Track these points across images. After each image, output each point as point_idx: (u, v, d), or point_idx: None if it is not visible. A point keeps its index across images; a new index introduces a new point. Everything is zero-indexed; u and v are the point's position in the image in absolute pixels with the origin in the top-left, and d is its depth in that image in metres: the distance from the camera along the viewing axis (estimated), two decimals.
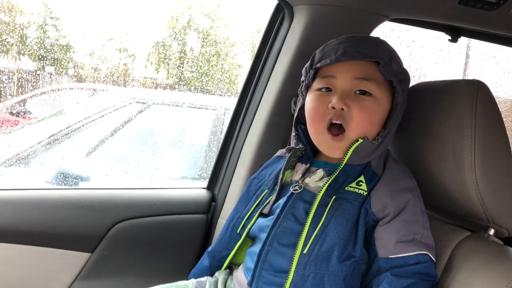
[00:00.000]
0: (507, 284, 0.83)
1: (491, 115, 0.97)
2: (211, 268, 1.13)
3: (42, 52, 2.68)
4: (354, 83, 0.97)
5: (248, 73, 1.57)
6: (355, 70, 0.98)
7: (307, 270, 0.91)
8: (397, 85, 0.98)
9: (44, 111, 2.71)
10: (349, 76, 0.98)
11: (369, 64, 0.98)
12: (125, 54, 3.02)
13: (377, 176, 0.99)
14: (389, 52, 1.00)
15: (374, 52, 0.98)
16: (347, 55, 0.97)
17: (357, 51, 0.97)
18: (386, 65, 0.97)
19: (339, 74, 0.99)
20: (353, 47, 0.98)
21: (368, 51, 0.98)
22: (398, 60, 1.01)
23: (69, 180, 1.96)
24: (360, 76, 0.97)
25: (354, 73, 0.98)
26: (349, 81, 0.98)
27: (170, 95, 2.93)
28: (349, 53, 0.97)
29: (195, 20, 3.14)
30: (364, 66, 0.98)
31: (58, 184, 1.93)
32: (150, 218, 1.47)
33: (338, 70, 0.99)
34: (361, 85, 0.97)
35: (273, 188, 1.07)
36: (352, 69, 0.98)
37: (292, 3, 1.40)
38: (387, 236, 0.92)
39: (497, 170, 0.97)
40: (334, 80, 0.99)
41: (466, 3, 1.27)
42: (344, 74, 0.98)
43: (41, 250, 1.33)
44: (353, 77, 0.97)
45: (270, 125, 1.44)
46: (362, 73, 0.97)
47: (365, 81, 0.97)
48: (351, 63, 0.98)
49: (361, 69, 0.98)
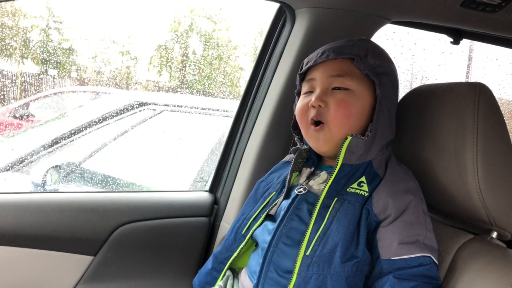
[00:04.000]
0: (510, 287, 0.83)
1: (493, 117, 0.97)
2: (213, 270, 1.14)
3: (45, 55, 2.69)
4: (330, 81, 1.02)
5: (250, 76, 1.57)
6: (330, 69, 1.03)
7: (309, 271, 0.92)
8: (375, 77, 1.01)
9: (48, 114, 2.72)
10: (326, 75, 1.03)
11: (344, 61, 1.02)
12: (127, 57, 3.03)
13: (379, 177, 1.00)
14: (366, 48, 1.02)
15: (349, 50, 1.02)
16: (324, 56, 1.03)
17: (333, 51, 1.03)
18: (361, 59, 1.01)
19: (317, 75, 1.05)
20: (331, 48, 1.04)
21: (343, 49, 1.03)
22: (377, 55, 1.04)
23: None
24: (335, 73, 1.02)
25: (330, 72, 1.03)
26: (325, 79, 1.03)
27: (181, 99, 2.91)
28: (326, 54, 1.03)
29: (197, 23, 3.14)
30: (339, 64, 1.03)
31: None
32: (152, 221, 1.47)
33: (317, 72, 1.05)
34: (336, 82, 1.02)
35: (281, 190, 1.10)
36: (328, 68, 1.03)
37: (294, 6, 1.40)
38: (389, 238, 0.92)
39: (499, 172, 0.96)
40: (314, 82, 1.05)
41: (468, 5, 1.27)
42: (322, 74, 1.04)
43: (44, 253, 1.33)
44: (329, 75, 1.02)
45: (273, 128, 1.44)
46: (337, 70, 1.02)
47: (340, 77, 1.01)
48: (328, 63, 1.04)
49: (336, 67, 1.03)
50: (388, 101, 1.02)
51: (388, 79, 1.03)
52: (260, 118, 1.49)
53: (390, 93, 1.03)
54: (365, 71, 1.01)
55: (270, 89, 1.48)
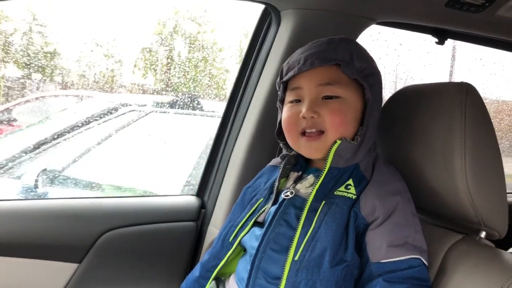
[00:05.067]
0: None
1: (480, 117, 0.98)
2: (200, 278, 1.12)
3: (26, 59, 2.65)
4: (319, 90, 0.99)
5: (236, 79, 1.56)
6: (318, 77, 1.00)
7: (298, 276, 0.90)
8: (363, 82, 0.99)
9: (30, 119, 2.67)
10: (313, 84, 1.00)
11: (331, 67, 1.00)
12: (112, 60, 3.00)
13: (366, 179, 0.99)
14: (349, 50, 1.00)
15: (334, 55, 0.99)
16: (308, 63, 0.99)
17: (317, 58, 0.99)
18: (348, 64, 0.98)
19: (304, 84, 1.01)
20: (314, 54, 1.00)
21: (327, 55, 1.00)
22: (361, 56, 1.02)
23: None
24: (323, 82, 0.99)
25: (317, 80, 1.00)
26: (314, 88, 1.00)
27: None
28: (310, 61, 0.99)
29: (181, 25, 3.12)
30: (326, 71, 1.00)
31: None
32: (139, 227, 1.44)
33: (303, 80, 1.02)
34: (326, 91, 0.99)
35: (269, 196, 1.08)
36: (315, 76, 1.00)
37: (279, 7, 1.39)
38: (378, 240, 0.91)
39: (487, 172, 0.97)
40: (301, 91, 1.02)
41: (452, 5, 1.28)
42: (309, 83, 1.01)
43: (27, 262, 1.30)
44: (317, 84, 1.00)
45: (259, 131, 1.43)
46: (325, 79, 0.99)
47: (329, 86, 0.99)
48: (314, 70, 1.00)
49: (323, 75, 1.00)
50: (377, 103, 1.02)
51: (376, 80, 1.03)
52: (246, 121, 1.48)
53: (378, 94, 1.03)
54: (353, 76, 0.99)
55: (256, 92, 1.47)
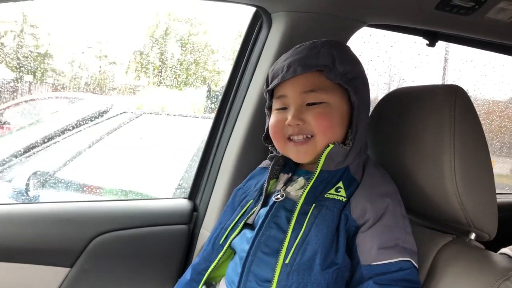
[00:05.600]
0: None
1: (469, 119, 0.98)
2: (192, 281, 1.12)
3: (17, 62, 2.63)
4: (303, 97, 1.00)
5: (227, 81, 1.55)
6: (301, 85, 1.00)
7: (289, 280, 0.90)
8: (347, 85, 0.99)
9: (22, 121, 2.65)
10: (297, 91, 1.00)
11: (313, 73, 1.00)
12: (105, 61, 2.99)
13: (356, 182, 0.99)
14: (331, 55, 1.00)
15: (315, 60, 0.99)
16: (291, 71, 1.00)
17: (299, 65, 0.99)
18: (330, 69, 0.98)
19: (288, 92, 1.02)
20: (296, 61, 1.00)
21: (309, 61, 0.99)
22: (344, 60, 1.01)
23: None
24: (307, 89, 0.99)
25: (301, 88, 1.00)
26: (298, 96, 1.00)
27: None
28: (292, 69, 1.00)
29: (174, 27, 3.12)
30: (309, 78, 1.00)
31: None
32: (130, 230, 1.44)
33: (287, 88, 1.02)
34: (309, 98, 0.99)
35: (258, 198, 1.08)
36: (298, 84, 1.00)
37: (270, 10, 1.39)
38: (369, 243, 0.91)
39: (477, 174, 0.97)
40: (286, 99, 1.02)
41: (442, 8, 1.29)
42: (292, 91, 1.01)
43: (19, 267, 1.29)
44: (301, 91, 1.00)
45: (251, 133, 1.43)
46: (308, 86, 0.99)
47: (313, 93, 0.99)
48: (297, 78, 1.00)
49: (306, 82, 1.00)
50: (364, 105, 1.02)
51: (360, 82, 1.02)
52: (238, 124, 1.47)
53: (364, 96, 1.03)
54: (336, 80, 0.99)
55: (247, 94, 1.47)
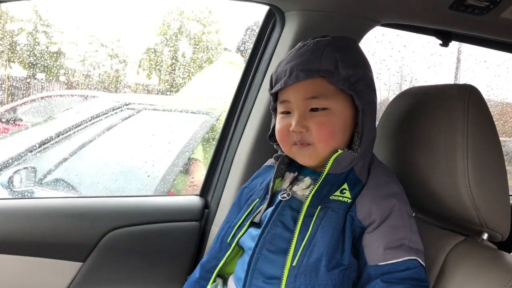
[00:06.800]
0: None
1: (483, 119, 0.98)
2: (201, 279, 1.12)
3: (32, 59, 2.66)
4: (306, 103, 0.98)
5: (240, 79, 1.56)
6: (303, 91, 0.99)
7: (297, 282, 0.91)
8: (350, 90, 0.97)
9: (35, 119, 2.68)
10: (300, 97, 0.99)
11: (316, 79, 0.98)
12: (116, 60, 3.01)
13: (362, 183, 0.99)
14: (334, 58, 0.97)
15: (318, 65, 0.97)
16: (293, 77, 0.98)
17: (301, 70, 0.97)
18: (333, 74, 0.96)
19: (291, 98, 1.01)
20: (299, 65, 0.98)
21: (311, 65, 0.98)
22: (348, 62, 0.98)
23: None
24: (309, 96, 0.98)
25: (303, 94, 0.99)
26: (300, 102, 0.99)
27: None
28: (294, 75, 0.98)
29: (186, 26, 3.13)
30: (311, 84, 0.98)
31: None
32: (142, 226, 1.45)
33: (290, 94, 1.01)
34: (312, 104, 0.98)
35: (264, 197, 1.08)
36: (301, 90, 0.99)
37: (283, 8, 1.39)
38: (375, 243, 0.92)
39: (490, 174, 0.97)
40: (290, 104, 1.01)
41: (456, 8, 1.28)
42: (295, 97, 1.00)
43: (32, 260, 1.31)
44: (303, 98, 0.98)
45: (263, 131, 1.43)
46: (310, 92, 0.98)
47: (315, 99, 0.98)
48: (299, 83, 0.98)
49: (308, 89, 0.98)
50: (370, 106, 1.00)
51: (364, 84, 1.00)
52: (250, 121, 1.48)
53: (369, 98, 1.01)
54: (339, 86, 0.97)
55: (260, 93, 1.47)
